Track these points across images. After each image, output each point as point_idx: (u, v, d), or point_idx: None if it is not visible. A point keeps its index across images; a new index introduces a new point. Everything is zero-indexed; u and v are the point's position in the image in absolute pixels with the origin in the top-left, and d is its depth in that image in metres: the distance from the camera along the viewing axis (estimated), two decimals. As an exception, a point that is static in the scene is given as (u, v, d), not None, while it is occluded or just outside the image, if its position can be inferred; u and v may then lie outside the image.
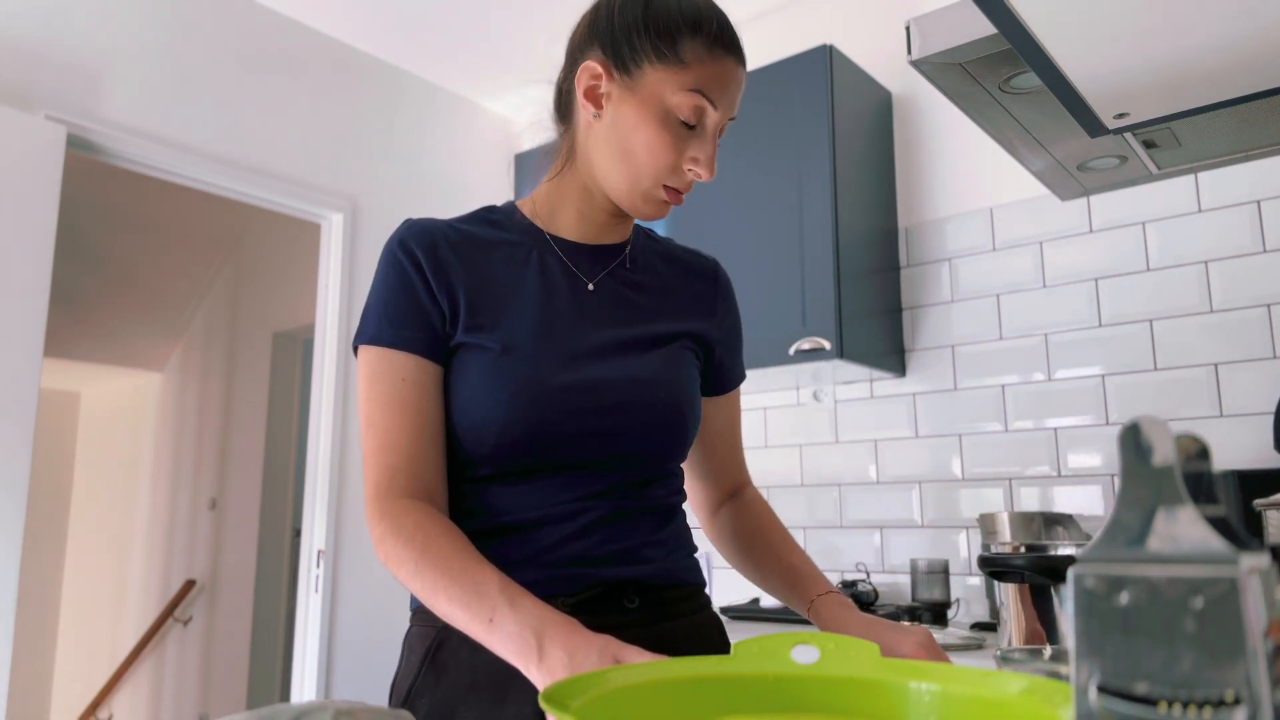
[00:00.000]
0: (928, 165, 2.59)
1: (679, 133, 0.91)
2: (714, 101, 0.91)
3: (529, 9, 3.01)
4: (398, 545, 0.85)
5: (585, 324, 0.95)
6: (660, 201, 0.94)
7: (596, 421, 0.92)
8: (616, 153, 0.93)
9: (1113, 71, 0.97)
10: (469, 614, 0.79)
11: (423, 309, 0.92)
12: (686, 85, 0.89)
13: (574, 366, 0.92)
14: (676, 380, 0.98)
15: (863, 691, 0.57)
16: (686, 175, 0.93)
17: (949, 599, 2.23)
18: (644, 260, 1.04)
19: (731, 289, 1.12)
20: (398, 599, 3.10)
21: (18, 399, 2.30)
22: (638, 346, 0.97)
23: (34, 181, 2.39)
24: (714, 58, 0.90)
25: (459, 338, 0.92)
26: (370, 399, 0.91)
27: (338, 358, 3.05)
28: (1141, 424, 0.37)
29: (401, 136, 3.36)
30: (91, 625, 5.79)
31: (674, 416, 0.96)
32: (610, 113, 0.93)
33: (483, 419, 0.90)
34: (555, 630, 0.75)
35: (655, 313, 1.01)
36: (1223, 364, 2.05)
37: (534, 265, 0.97)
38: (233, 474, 4.90)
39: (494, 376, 0.90)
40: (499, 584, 0.80)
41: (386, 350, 0.91)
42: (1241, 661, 0.33)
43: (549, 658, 0.73)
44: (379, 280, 0.95)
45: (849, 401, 2.64)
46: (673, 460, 1.00)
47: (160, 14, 2.75)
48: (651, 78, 0.90)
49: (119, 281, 5.10)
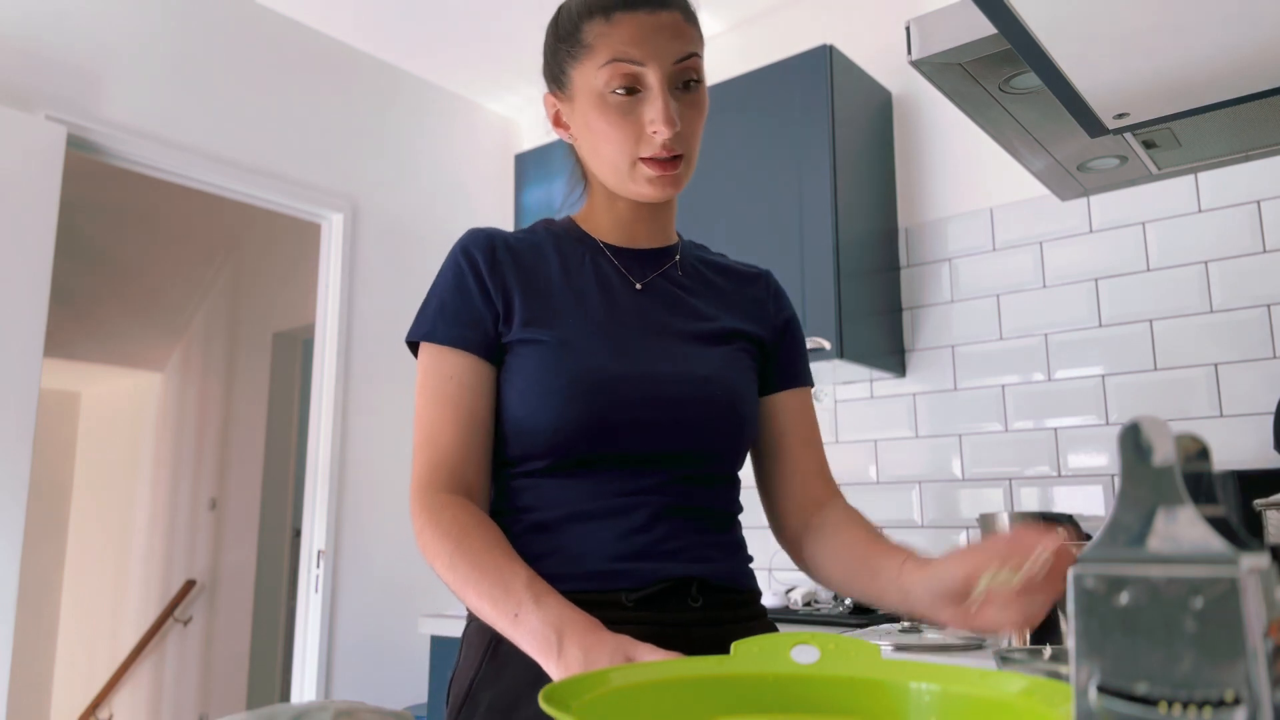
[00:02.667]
0: (928, 165, 2.59)
1: (624, 107, 0.92)
2: (635, 59, 0.91)
3: (529, 9, 3.01)
4: (435, 538, 0.87)
5: (639, 320, 0.97)
6: (649, 178, 0.94)
7: (651, 414, 0.92)
8: (592, 154, 0.97)
9: (1113, 71, 0.97)
10: (496, 609, 0.82)
11: (475, 309, 0.95)
12: (599, 63, 0.91)
13: (628, 359, 0.93)
14: (732, 378, 0.97)
15: (863, 691, 0.57)
16: (653, 139, 0.92)
17: (949, 599, 2.23)
18: (693, 268, 1.06)
19: (784, 292, 1.11)
20: (398, 599, 3.10)
21: (18, 399, 2.30)
22: (692, 342, 0.98)
23: (34, 181, 2.39)
24: (614, 23, 0.91)
25: (513, 334, 0.94)
26: (420, 394, 0.94)
27: (338, 358, 3.05)
28: (1141, 424, 0.37)
29: (401, 137, 3.36)
30: (91, 625, 5.79)
31: (729, 412, 0.96)
32: (574, 127, 0.98)
33: (538, 410, 0.91)
34: (574, 629, 0.77)
35: (709, 313, 1.01)
36: (1223, 364, 2.05)
37: (588, 267, 1.00)
38: (233, 474, 4.90)
39: (549, 369, 0.91)
40: (526, 581, 0.82)
41: (437, 347, 0.94)
42: (1241, 661, 0.33)
43: (566, 654, 0.75)
44: (438, 282, 0.99)
45: (849, 401, 2.64)
46: (727, 460, 0.97)
47: (160, 14, 2.75)
48: (576, 77, 0.94)
49: (119, 281, 5.10)
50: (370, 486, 3.09)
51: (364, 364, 3.12)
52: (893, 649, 1.71)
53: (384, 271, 3.23)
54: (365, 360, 3.13)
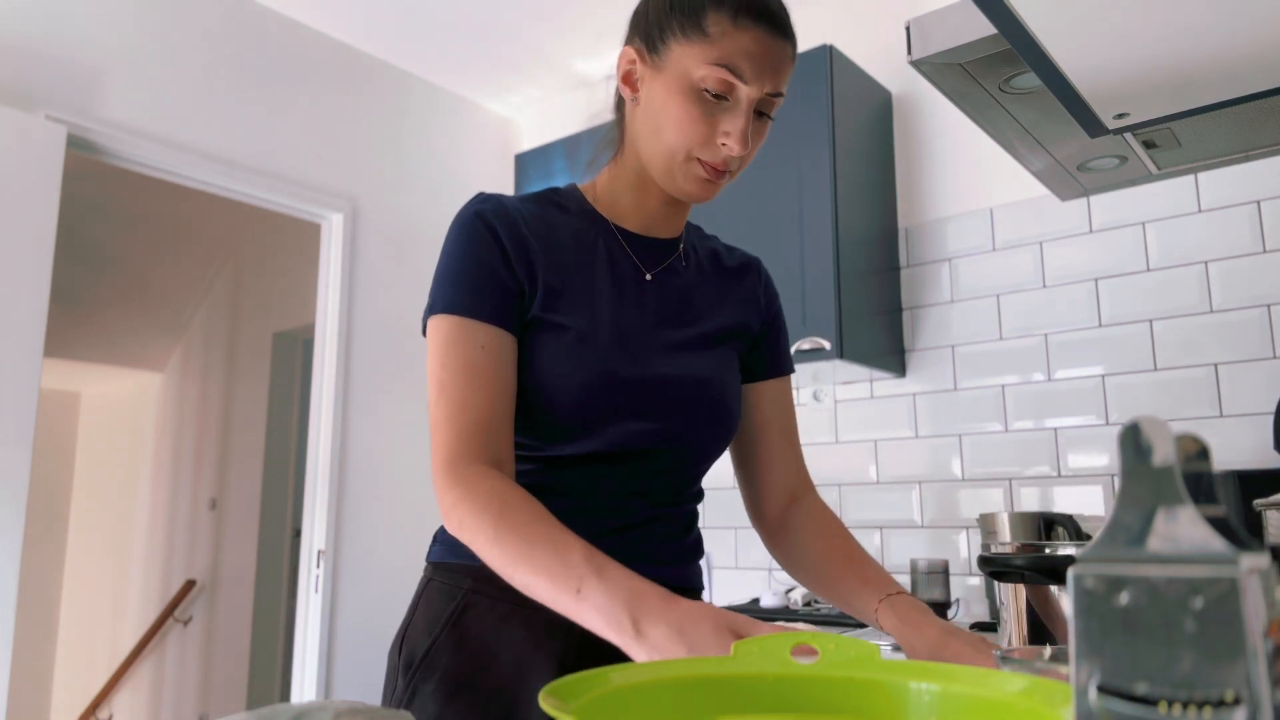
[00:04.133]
0: (928, 165, 2.59)
1: (708, 106, 0.90)
2: (742, 74, 0.89)
3: (529, 9, 3.01)
4: (473, 512, 0.82)
5: (649, 319, 0.97)
6: (698, 178, 0.93)
7: (656, 416, 0.94)
8: (651, 131, 0.93)
9: (1113, 71, 0.97)
10: (555, 586, 0.76)
11: (501, 281, 0.91)
12: (710, 59, 0.88)
13: (641, 362, 0.94)
14: (727, 380, 1.00)
15: (863, 691, 0.57)
16: (719, 149, 0.91)
17: (949, 599, 2.23)
18: (695, 257, 1.06)
19: (772, 281, 1.14)
20: (398, 599, 3.10)
21: (18, 399, 2.30)
22: (694, 345, 0.99)
23: (34, 181, 2.39)
24: (740, 28, 0.88)
25: (535, 313, 0.92)
26: (445, 366, 0.89)
27: (338, 358, 3.05)
28: (1141, 424, 0.37)
29: (402, 136, 3.36)
30: (91, 625, 5.79)
31: (723, 413, 0.99)
32: (644, 94, 0.94)
33: (552, 401, 0.90)
34: (650, 604, 0.72)
35: (708, 310, 1.02)
36: (1223, 364, 2.05)
37: (601, 252, 0.98)
38: (233, 474, 4.90)
39: (569, 361, 0.91)
40: (584, 552, 0.78)
41: (463, 319, 0.90)
42: (1241, 661, 0.33)
43: (650, 635, 0.70)
44: (454, 252, 0.93)
45: (849, 401, 2.64)
46: (714, 453, 1.01)
47: (160, 14, 2.75)
48: (677, 54, 0.90)
49: (119, 281, 5.10)
50: (370, 486, 3.09)
51: (364, 364, 3.12)
52: (893, 649, 1.71)
53: (384, 271, 3.23)
54: (365, 360, 3.13)
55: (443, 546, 0.99)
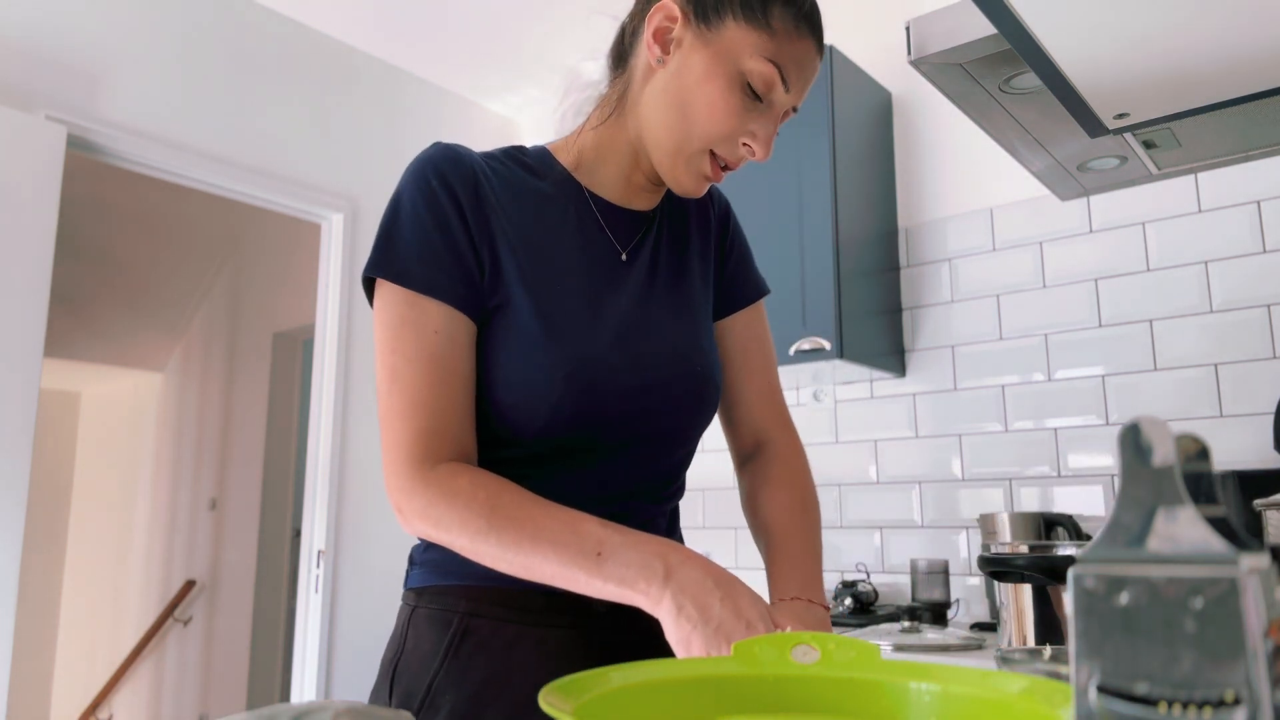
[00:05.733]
0: (928, 165, 2.59)
1: (745, 101, 0.83)
2: (787, 79, 0.84)
3: (529, 9, 3.01)
4: (454, 509, 0.75)
5: (625, 297, 0.89)
6: (701, 174, 0.87)
7: (644, 399, 0.87)
8: (673, 104, 0.85)
9: (1113, 71, 0.97)
10: (568, 557, 0.71)
11: (460, 255, 0.82)
12: (767, 53, 0.82)
13: (621, 344, 0.86)
14: (707, 349, 0.94)
15: (863, 691, 0.57)
16: (739, 150, 0.85)
17: (949, 599, 2.23)
18: (663, 216, 0.98)
19: (730, 206, 1.06)
20: (398, 599, 3.10)
21: (18, 399, 2.30)
22: (671, 316, 0.92)
23: (34, 181, 2.39)
24: (800, 34, 0.84)
25: (496, 297, 0.83)
26: (396, 351, 0.80)
27: (338, 358, 3.05)
28: (1141, 424, 0.37)
29: (402, 137, 3.36)
30: (91, 625, 5.79)
31: (707, 385, 0.92)
32: (677, 60, 0.85)
33: (531, 396, 0.82)
34: (684, 553, 0.69)
35: (679, 274, 0.95)
36: (1223, 364, 2.05)
37: (572, 224, 0.89)
38: (233, 474, 4.90)
39: (545, 353, 0.82)
40: (598, 521, 0.73)
41: (416, 295, 0.80)
42: (1241, 661, 0.33)
43: (680, 574, 0.69)
44: (408, 209, 0.83)
45: (849, 401, 2.64)
46: (699, 429, 0.94)
47: (161, 14, 2.75)
48: (732, 34, 0.82)
49: (119, 281, 5.10)
50: (370, 486, 3.09)
51: (364, 364, 3.12)
52: (893, 649, 1.71)
53: (384, 271, 3.23)
54: (365, 360, 3.13)
55: (424, 569, 0.88)
